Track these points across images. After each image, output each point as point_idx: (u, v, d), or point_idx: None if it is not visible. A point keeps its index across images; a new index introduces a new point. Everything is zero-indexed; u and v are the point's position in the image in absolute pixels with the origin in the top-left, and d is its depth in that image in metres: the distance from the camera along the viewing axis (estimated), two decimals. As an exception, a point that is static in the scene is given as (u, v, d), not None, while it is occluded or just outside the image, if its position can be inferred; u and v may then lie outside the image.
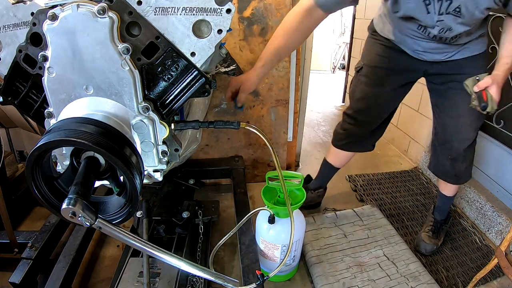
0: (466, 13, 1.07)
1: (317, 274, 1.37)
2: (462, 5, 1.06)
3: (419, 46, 1.29)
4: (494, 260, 1.16)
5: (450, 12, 1.09)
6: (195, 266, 0.74)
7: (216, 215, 1.50)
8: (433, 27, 1.16)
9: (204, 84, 0.72)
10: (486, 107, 1.07)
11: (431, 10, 1.11)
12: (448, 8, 1.09)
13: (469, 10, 1.06)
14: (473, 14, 1.07)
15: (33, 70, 0.70)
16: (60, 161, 0.73)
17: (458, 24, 1.12)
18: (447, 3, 1.08)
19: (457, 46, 1.27)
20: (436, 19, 1.13)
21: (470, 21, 1.11)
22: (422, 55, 1.31)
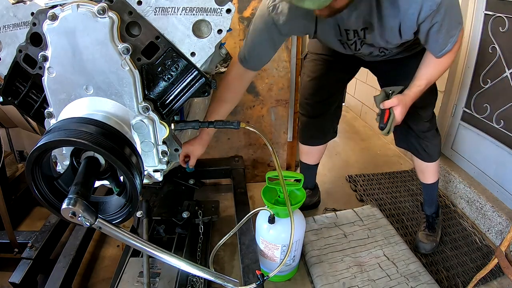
0: (384, 45, 1.12)
1: (317, 274, 1.37)
2: (375, 43, 1.11)
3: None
4: (494, 260, 1.16)
5: (368, 45, 1.15)
6: (195, 266, 0.74)
7: (216, 215, 1.50)
8: (353, 53, 1.23)
9: (204, 84, 0.72)
10: (383, 128, 1.08)
11: (346, 47, 1.19)
12: (364, 44, 1.15)
13: (386, 44, 1.11)
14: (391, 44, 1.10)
15: (33, 70, 0.70)
16: (60, 161, 0.73)
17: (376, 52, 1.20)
18: (365, 46, 1.15)
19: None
20: (353, 52, 1.21)
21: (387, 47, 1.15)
22: (360, 56, 1.33)
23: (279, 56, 1.73)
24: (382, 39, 1.07)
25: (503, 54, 1.56)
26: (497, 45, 1.58)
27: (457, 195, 1.87)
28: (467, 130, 1.86)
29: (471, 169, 1.86)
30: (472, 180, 1.83)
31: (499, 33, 1.55)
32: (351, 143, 2.66)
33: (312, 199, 1.82)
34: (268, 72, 1.76)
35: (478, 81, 1.72)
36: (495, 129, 1.66)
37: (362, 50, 1.18)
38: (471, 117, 1.81)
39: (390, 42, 1.08)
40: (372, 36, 1.07)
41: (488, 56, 1.64)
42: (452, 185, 1.90)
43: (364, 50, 1.18)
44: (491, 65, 1.63)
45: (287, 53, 1.73)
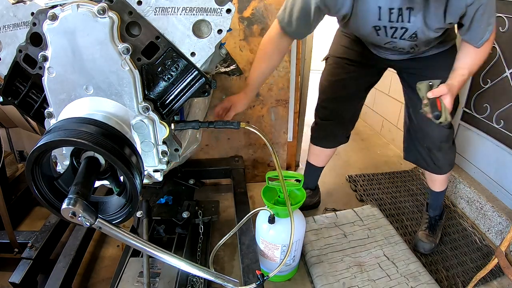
0: (422, 36, 1.09)
1: (317, 274, 1.37)
2: (418, 30, 1.07)
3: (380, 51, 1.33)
4: (494, 260, 1.16)
5: (405, 39, 1.12)
6: (195, 266, 0.74)
7: (216, 215, 1.50)
8: (384, 44, 1.20)
9: (204, 84, 0.72)
10: (439, 116, 1.00)
11: (381, 35, 1.14)
12: (403, 35, 1.11)
13: (425, 34, 1.08)
14: (429, 37, 1.09)
15: (33, 70, 0.70)
16: (60, 161, 0.73)
17: (411, 47, 1.18)
18: (402, 31, 1.10)
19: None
20: (387, 40, 1.16)
21: (424, 41, 1.13)
22: (386, 55, 1.33)
23: (279, 56, 1.73)
24: (424, 23, 1.03)
25: (503, 54, 1.56)
26: (497, 45, 1.58)
27: (457, 195, 1.87)
28: (467, 130, 1.86)
29: (471, 169, 1.86)
30: (472, 180, 1.83)
31: (499, 33, 1.55)
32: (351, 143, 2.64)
33: (313, 199, 1.82)
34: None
35: (478, 81, 1.72)
36: (495, 129, 1.66)
37: (396, 41, 1.14)
38: (471, 117, 1.81)
39: (430, 28, 1.04)
40: (415, 19, 1.03)
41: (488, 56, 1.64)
42: (452, 185, 1.90)
43: (399, 43, 1.15)
44: (491, 65, 1.63)
45: (287, 53, 1.73)
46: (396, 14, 1.04)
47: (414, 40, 1.12)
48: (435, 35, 1.10)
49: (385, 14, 1.04)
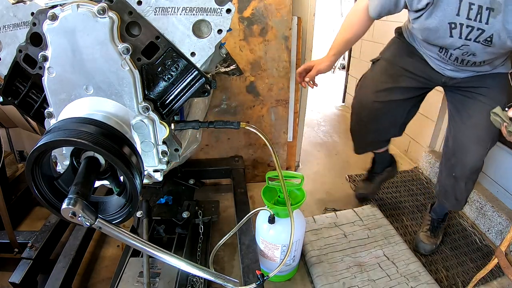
0: (498, 42, 1.04)
1: (317, 274, 1.37)
2: (495, 34, 1.02)
3: (440, 65, 1.31)
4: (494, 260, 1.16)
5: (480, 41, 1.07)
6: (195, 266, 0.74)
7: (216, 215, 1.50)
8: (455, 49, 1.15)
9: (204, 84, 0.72)
10: None
11: (455, 35, 1.09)
12: (479, 37, 1.06)
13: (501, 39, 1.02)
14: (505, 43, 1.03)
15: (33, 70, 0.70)
16: (60, 161, 0.73)
17: (484, 53, 1.11)
18: (478, 32, 1.05)
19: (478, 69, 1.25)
20: (460, 43, 1.11)
21: (498, 50, 1.09)
22: (444, 70, 1.32)
23: (279, 56, 1.73)
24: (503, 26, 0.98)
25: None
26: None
27: (457, 195, 1.87)
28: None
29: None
30: (472, 180, 1.83)
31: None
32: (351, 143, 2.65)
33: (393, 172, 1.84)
34: (268, 72, 1.76)
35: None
36: (495, 129, 1.66)
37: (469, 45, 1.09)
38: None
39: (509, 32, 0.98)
40: (494, 21, 0.99)
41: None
42: (452, 185, 1.90)
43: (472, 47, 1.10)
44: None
45: (287, 53, 1.74)
46: (475, 11, 1.00)
47: (488, 44, 1.06)
48: (511, 44, 1.03)
49: (465, 9, 1.01)
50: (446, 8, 1.05)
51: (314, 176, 2.20)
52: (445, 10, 1.05)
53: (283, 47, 1.71)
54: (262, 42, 1.68)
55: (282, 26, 1.67)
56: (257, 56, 1.71)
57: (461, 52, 1.16)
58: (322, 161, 2.40)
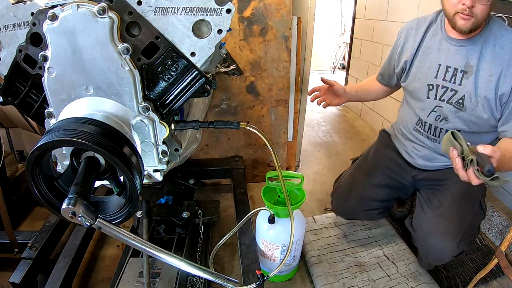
0: (469, 105, 1.09)
1: (317, 274, 1.37)
2: (466, 95, 1.09)
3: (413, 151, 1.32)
4: (494, 260, 1.16)
5: (452, 103, 1.13)
6: (195, 266, 0.74)
7: (216, 215, 1.50)
8: (429, 114, 1.21)
9: (204, 84, 0.72)
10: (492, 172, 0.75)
11: (431, 96, 1.18)
12: (452, 98, 1.13)
13: (472, 102, 1.08)
14: (475, 109, 1.08)
15: (33, 70, 0.70)
16: (60, 161, 0.73)
17: (456, 117, 1.15)
18: (452, 93, 1.12)
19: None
20: (435, 104, 1.18)
21: (470, 117, 1.11)
22: (416, 159, 1.32)
23: (279, 56, 1.73)
24: (474, 87, 1.06)
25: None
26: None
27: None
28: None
29: (471, 169, 1.86)
30: (472, 180, 1.83)
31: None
32: (351, 143, 2.66)
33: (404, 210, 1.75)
34: (268, 72, 1.76)
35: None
36: (495, 129, 1.66)
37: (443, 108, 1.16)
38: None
39: (479, 94, 1.06)
40: (466, 82, 1.08)
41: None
42: (452, 185, 1.90)
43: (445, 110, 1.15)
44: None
45: (287, 53, 1.74)
46: (451, 73, 1.11)
47: (460, 107, 1.12)
48: (482, 114, 1.08)
49: (442, 71, 1.13)
50: (427, 72, 1.18)
51: (314, 176, 2.20)
52: (426, 74, 1.19)
53: (283, 47, 1.71)
54: (262, 42, 1.69)
55: (282, 26, 1.67)
56: (257, 56, 1.71)
57: (434, 117, 1.20)
58: (322, 161, 2.40)
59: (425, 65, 1.19)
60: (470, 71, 1.07)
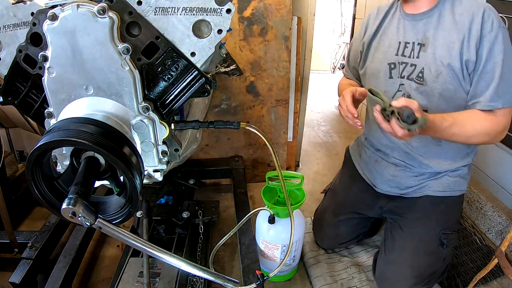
0: (429, 77, 1.04)
1: (315, 275, 1.37)
2: (425, 67, 1.05)
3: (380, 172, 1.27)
4: (494, 260, 1.16)
5: (413, 79, 1.09)
6: (195, 266, 0.74)
7: (216, 215, 1.50)
8: (394, 94, 1.14)
9: (204, 84, 0.72)
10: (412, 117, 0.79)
11: (394, 75, 1.14)
12: (412, 73, 1.09)
13: (432, 73, 1.04)
14: (436, 82, 1.03)
15: (33, 70, 0.70)
16: (60, 161, 0.73)
17: (418, 94, 1.08)
18: (412, 69, 1.09)
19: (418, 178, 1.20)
20: (398, 83, 1.13)
21: (431, 91, 1.05)
22: (380, 184, 1.28)
23: (279, 56, 1.73)
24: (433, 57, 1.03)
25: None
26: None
27: (457, 195, 1.87)
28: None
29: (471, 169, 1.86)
30: (472, 180, 1.83)
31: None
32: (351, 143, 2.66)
33: None
34: (268, 72, 1.76)
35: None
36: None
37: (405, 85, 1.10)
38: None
39: (438, 60, 1.01)
40: (424, 56, 1.05)
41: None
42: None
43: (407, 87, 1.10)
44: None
45: (287, 53, 1.74)
46: (410, 49, 1.09)
47: (420, 82, 1.06)
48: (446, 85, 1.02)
49: (402, 49, 1.11)
50: (388, 50, 1.15)
51: (314, 176, 2.20)
52: (386, 52, 1.15)
53: (283, 47, 1.71)
54: (262, 42, 1.69)
55: (282, 26, 1.67)
56: (257, 56, 1.72)
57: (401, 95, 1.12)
58: (322, 161, 2.40)
59: (385, 44, 1.16)
60: (427, 43, 1.04)
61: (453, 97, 1.04)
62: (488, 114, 0.98)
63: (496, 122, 0.98)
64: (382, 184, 1.28)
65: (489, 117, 0.98)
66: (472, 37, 0.96)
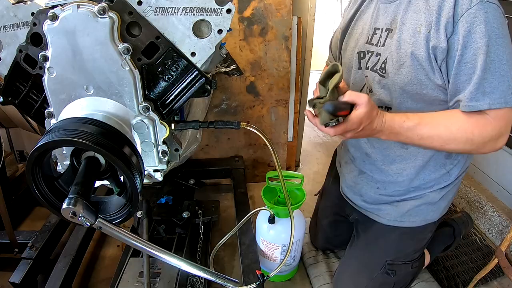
0: (391, 69, 0.88)
1: (315, 275, 1.37)
2: (389, 57, 0.89)
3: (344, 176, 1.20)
4: (494, 260, 1.16)
5: (377, 70, 0.94)
6: (195, 266, 0.74)
7: (216, 215, 1.50)
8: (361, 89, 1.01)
9: (204, 84, 0.72)
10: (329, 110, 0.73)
11: (363, 65, 0.99)
12: (376, 64, 0.94)
13: (394, 64, 0.87)
14: (397, 74, 0.87)
15: (33, 70, 0.70)
16: (60, 161, 0.73)
17: (380, 88, 0.93)
18: (376, 58, 0.94)
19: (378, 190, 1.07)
20: (364, 75, 0.99)
21: (393, 85, 0.89)
22: (345, 189, 1.21)
23: (279, 56, 1.73)
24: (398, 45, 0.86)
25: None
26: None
27: (457, 195, 1.87)
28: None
29: (471, 169, 1.86)
30: (472, 180, 1.83)
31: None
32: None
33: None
34: (268, 72, 1.76)
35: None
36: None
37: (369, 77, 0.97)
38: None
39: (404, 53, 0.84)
40: (390, 43, 0.89)
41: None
42: (452, 185, 1.90)
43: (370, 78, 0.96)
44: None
45: (287, 53, 1.74)
46: (378, 35, 0.94)
47: (382, 73, 0.91)
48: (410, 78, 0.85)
49: (371, 35, 0.97)
50: (359, 37, 1.00)
51: (314, 176, 2.20)
52: (357, 40, 1.01)
53: (283, 47, 1.71)
54: (262, 42, 1.69)
55: (282, 26, 1.67)
56: (257, 56, 1.72)
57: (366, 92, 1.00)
58: (322, 161, 2.40)
59: (357, 31, 1.02)
60: (395, 28, 0.87)
61: (420, 93, 0.86)
62: (471, 116, 0.78)
63: (484, 125, 0.77)
64: (346, 189, 1.20)
65: (472, 119, 0.78)
66: (442, 17, 0.76)
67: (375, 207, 1.11)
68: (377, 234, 1.12)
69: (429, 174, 0.99)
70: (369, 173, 1.08)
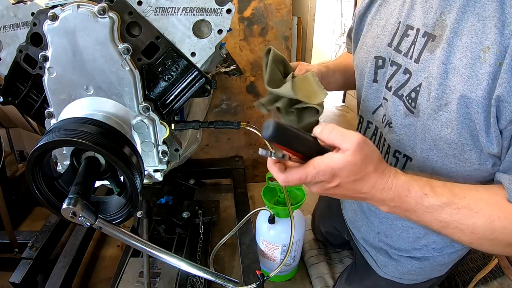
0: (425, 106, 0.58)
1: (316, 275, 1.37)
2: (424, 84, 0.57)
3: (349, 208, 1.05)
4: (494, 260, 1.16)
5: (403, 97, 0.63)
6: (195, 266, 0.74)
7: (216, 215, 1.50)
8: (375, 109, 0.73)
9: (205, 84, 0.72)
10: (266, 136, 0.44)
11: (380, 78, 0.70)
12: (403, 87, 0.62)
13: (430, 100, 0.56)
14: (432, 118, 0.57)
15: (33, 70, 0.70)
16: (60, 161, 0.73)
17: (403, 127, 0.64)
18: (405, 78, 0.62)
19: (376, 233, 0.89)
20: (381, 97, 0.70)
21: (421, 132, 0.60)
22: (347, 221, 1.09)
23: (279, 56, 1.73)
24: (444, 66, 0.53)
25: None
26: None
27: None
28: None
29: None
30: (472, 180, 1.83)
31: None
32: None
33: None
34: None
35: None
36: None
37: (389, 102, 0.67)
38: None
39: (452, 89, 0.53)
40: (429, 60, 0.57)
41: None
42: (452, 185, 1.90)
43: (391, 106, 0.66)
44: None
45: (287, 53, 1.73)
46: (411, 39, 0.62)
47: (411, 107, 0.60)
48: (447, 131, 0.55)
49: (400, 35, 0.65)
50: (380, 34, 0.69)
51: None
52: (377, 37, 0.70)
53: (283, 47, 1.71)
54: (262, 42, 1.69)
55: (282, 26, 1.67)
56: (257, 56, 1.72)
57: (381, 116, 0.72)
58: (322, 161, 2.40)
59: (379, 23, 0.70)
60: (441, 36, 0.55)
61: (459, 156, 0.58)
62: None
63: None
64: (346, 217, 1.07)
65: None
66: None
67: (374, 252, 0.94)
68: (372, 284, 0.99)
69: (441, 236, 0.74)
70: (370, 217, 0.89)
